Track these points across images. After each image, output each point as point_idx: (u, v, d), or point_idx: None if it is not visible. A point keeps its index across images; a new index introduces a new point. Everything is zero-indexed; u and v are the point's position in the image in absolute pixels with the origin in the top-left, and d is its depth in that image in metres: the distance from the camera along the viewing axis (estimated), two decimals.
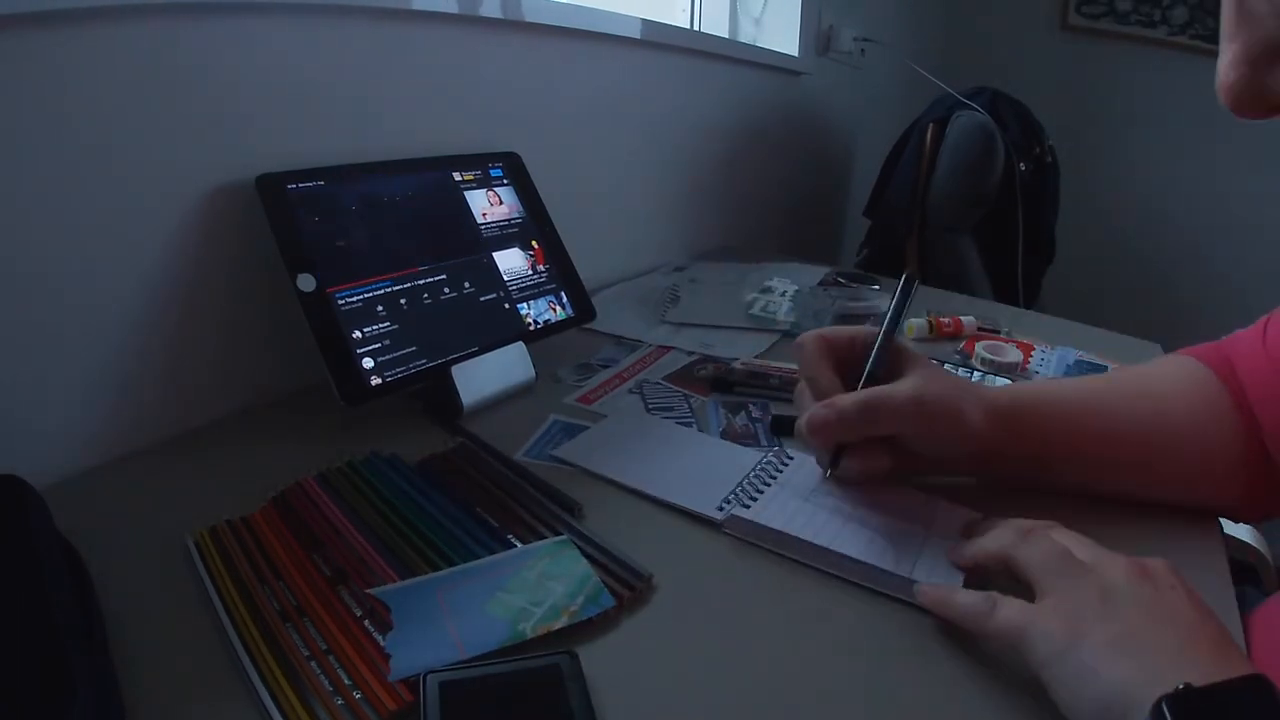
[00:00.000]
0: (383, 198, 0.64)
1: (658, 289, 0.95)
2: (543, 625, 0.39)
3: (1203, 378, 0.53)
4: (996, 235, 1.40)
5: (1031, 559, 0.38)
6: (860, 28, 1.50)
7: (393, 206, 0.65)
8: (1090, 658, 0.32)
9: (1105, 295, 2.08)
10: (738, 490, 0.51)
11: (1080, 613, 0.34)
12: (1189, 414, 0.51)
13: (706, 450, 0.58)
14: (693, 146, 1.14)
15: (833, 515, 0.48)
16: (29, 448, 0.50)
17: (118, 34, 0.50)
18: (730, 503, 0.50)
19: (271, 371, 0.64)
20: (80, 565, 0.40)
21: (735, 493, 0.51)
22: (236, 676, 0.36)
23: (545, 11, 0.80)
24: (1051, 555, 0.38)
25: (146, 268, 0.55)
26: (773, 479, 0.52)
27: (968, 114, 1.31)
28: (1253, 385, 0.50)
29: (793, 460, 0.54)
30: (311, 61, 0.62)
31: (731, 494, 0.51)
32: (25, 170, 0.47)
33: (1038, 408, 0.51)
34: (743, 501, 0.49)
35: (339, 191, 0.62)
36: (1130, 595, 0.35)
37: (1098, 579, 0.36)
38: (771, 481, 0.52)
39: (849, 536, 0.46)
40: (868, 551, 0.45)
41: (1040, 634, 0.34)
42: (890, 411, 0.45)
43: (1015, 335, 0.85)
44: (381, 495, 0.49)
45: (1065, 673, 0.33)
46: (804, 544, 0.45)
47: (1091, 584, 0.36)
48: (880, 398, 0.45)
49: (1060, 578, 0.37)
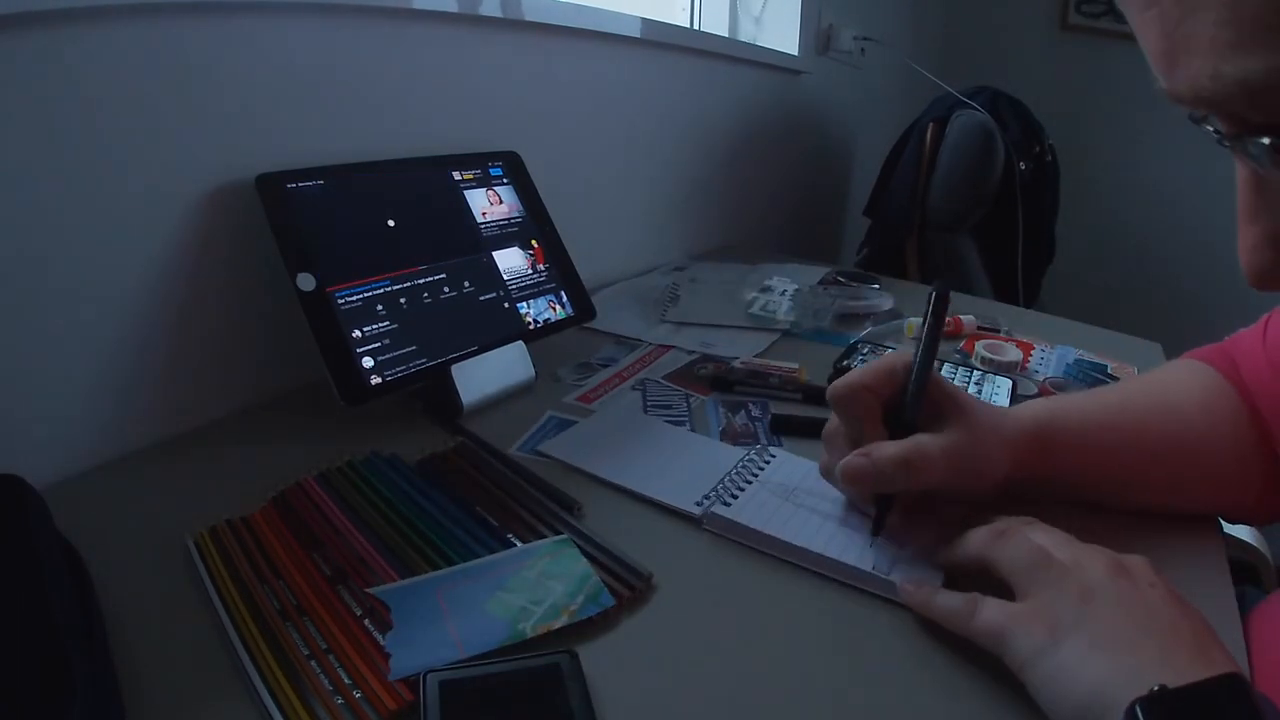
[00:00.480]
0: (383, 197, 0.64)
1: (658, 288, 0.95)
2: (542, 624, 0.39)
3: (1216, 385, 0.53)
4: (996, 235, 1.40)
5: (1010, 560, 0.38)
6: (860, 27, 1.50)
7: (393, 206, 0.65)
8: (1070, 658, 0.33)
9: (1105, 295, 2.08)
10: (718, 488, 0.51)
11: (1060, 613, 0.35)
12: (1209, 425, 0.51)
13: (689, 447, 0.58)
14: (693, 146, 1.13)
15: (811, 515, 0.48)
16: (29, 448, 0.50)
17: (118, 34, 0.50)
18: (710, 499, 0.50)
19: (271, 371, 0.64)
20: (80, 565, 0.40)
21: (716, 490, 0.51)
22: (236, 676, 0.36)
23: (545, 11, 0.80)
24: (1030, 556, 0.38)
25: (146, 267, 0.55)
26: (754, 477, 0.52)
27: (968, 114, 1.31)
28: (1255, 386, 0.50)
29: (774, 459, 0.54)
30: (312, 61, 0.62)
31: (712, 491, 0.51)
32: (25, 170, 0.47)
33: (1062, 436, 0.49)
34: (723, 499, 0.49)
35: (339, 191, 0.62)
36: (1110, 595, 0.35)
37: (1077, 579, 0.36)
38: (753, 479, 0.52)
39: (827, 536, 0.46)
40: (845, 551, 0.45)
41: (1021, 635, 0.35)
42: (926, 469, 0.44)
43: (1015, 334, 0.85)
44: (381, 495, 0.49)
45: (1045, 673, 0.33)
46: (781, 543, 0.46)
47: (1071, 584, 0.36)
48: (919, 454, 0.44)
49: (1040, 579, 0.37)
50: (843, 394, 0.46)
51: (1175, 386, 0.55)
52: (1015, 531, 0.40)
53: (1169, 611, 0.34)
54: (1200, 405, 0.52)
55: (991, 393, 0.68)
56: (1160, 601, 0.35)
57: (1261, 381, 0.50)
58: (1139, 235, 2.08)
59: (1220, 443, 0.51)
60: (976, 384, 0.70)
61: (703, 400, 0.66)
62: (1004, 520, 0.42)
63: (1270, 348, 0.50)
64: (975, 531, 0.42)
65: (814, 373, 0.72)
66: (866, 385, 0.45)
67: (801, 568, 0.45)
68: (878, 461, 0.43)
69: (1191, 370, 0.55)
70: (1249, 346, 0.53)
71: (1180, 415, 0.52)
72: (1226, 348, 0.55)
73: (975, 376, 0.71)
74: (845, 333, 0.83)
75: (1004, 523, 0.42)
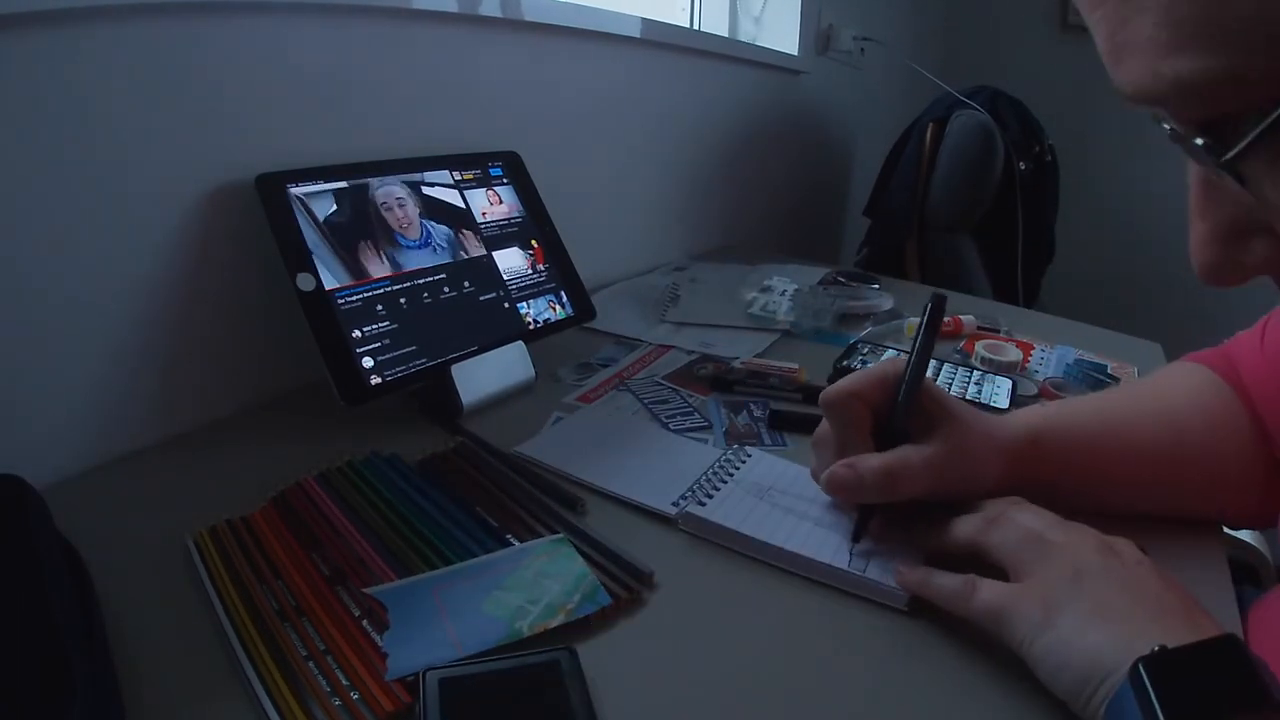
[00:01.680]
0: None
1: (658, 288, 0.95)
2: (540, 623, 0.39)
3: (1215, 388, 0.53)
4: (996, 235, 1.40)
5: (1003, 544, 0.40)
6: (860, 27, 1.50)
7: None
8: (1068, 631, 0.34)
9: (1105, 295, 2.08)
10: (694, 487, 0.51)
11: (1055, 591, 0.36)
12: (1206, 428, 0.51)
13: (666, 446, 0.58)
14: (693, 146, 1.14)
15: (786, 514, 0.48)
16: (29, 448, 0.50)
17: (117, 34, 0.50)
18: (686, 499, 0.50)
19: (271, 371, 0.64)
20: (80, 565, 0.40)
21: (692, 489, 0.51)
22: (235, 677, 0.36)
23: (545, 10, 0.80)
24: (1023, 538, 0.39)
25: (146, 267, 0.55)
26: (730, 476, 0.52)
27: (968, 113, 1.31)
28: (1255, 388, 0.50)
29: (750, 458, 0.54)
30: (312, 61, 0.62)
31: (689, 490, 0.51)
32: (25, 170, 0.47)
33: (1059, 442, 0.49)
34: (699, 499, 0.49)
35: (339, 191, 0.62)
36: (1100, 571, 0.36)
37: (1069, 557, 0.37)
38: (729, 479, 0.52)
39: (803, 535, 0.46)
40: (820, 550, 0.45)
41: (1019, 614, 0.36)
42: (910, 480, 0.44)
43: (1015, 334, 0.85)
44: (381, 495, 0.49)
45: (1046, 648, 0.34)
46: (756, 542, 0.46)
47: (1064, 563, 0.37)
48: (902, 467, 0.44)
49: (1034, 559, 0.38)
50: (834, 400, 0.46)
51: (1172, 391, 0.55)
52: (1005, 517, 0.41)
53: (1157, 584, 0.36)
54: (1198, 409, 0.52)
55: (991, 393, 0.68)
56: (1149, 576, 0.36)
57: (1260, 383, 0.50)
58: (1139, 235, 2.08)
59: (1220, 446, 0.51)
60: (976, 384, 0.70)
61: (703, 400, 0.66)
62: (991, 505, 0.43)
63: (1269, 349, 0.50)
64: (965, 518, 0.42)
65: (814, 373, 0.72)
66: (857, 393, 0.45)
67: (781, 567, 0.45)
68: (862, 473, 0.44)
69: (1189, 373, 0.55)
70: (1248, 348, 0.52)
71: (1178, 420, 0.52)
72: (1226, 350, 0.55)
73: (975, 376, 0.71)
74: (845, 333, 0.83)
75: (992, 508, 0.42)
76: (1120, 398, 0.59)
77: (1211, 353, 0.56)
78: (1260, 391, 0.50)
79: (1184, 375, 0.55)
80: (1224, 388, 0.52)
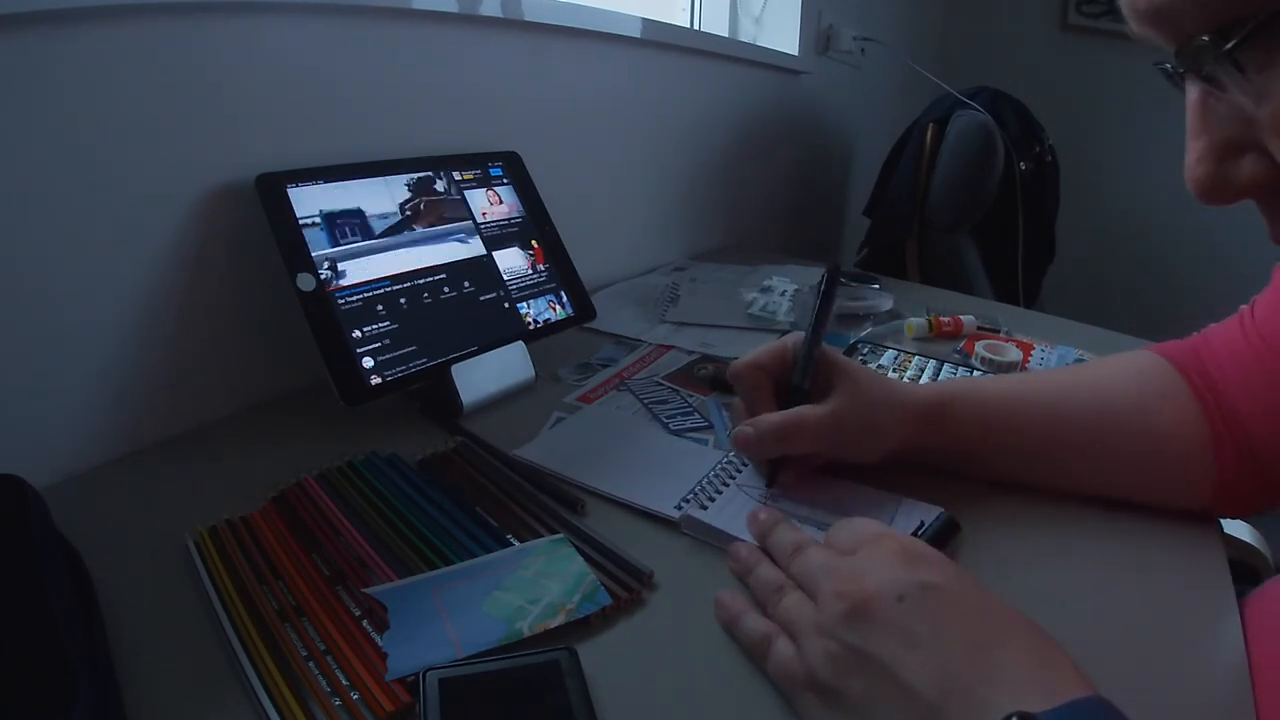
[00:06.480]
0: None
1: (657, 288, 0.95)
2: (540, 623, 0.39)
3: (1154, 367, 0.53)
4: (996, 235, 1.40)
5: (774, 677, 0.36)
6: (860, 27, 1.50)
7: None
8: None
9: (1105, 295, 2.08)
10: (696, 490, 0.51)
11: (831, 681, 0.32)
12: (1137, 401, 0.51)
13: (666, 448, 0.58)
14: (693, 146, 1.14)
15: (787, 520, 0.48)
16: (29, 448, 0.50)
17: (117, 34, 0.50)
18: (689, 502, 0.50)
19: (272, 371, 0.64)
20: (80, 565, 0.40)
21: (694, 492, 0.51)
22: (236, 677, 0.36)
23: (545, 11, 0.80)
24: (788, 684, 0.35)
25: (146, 267, 0.55)
26: (731, 480, 0.52)
27: (968, 114, 1.31)
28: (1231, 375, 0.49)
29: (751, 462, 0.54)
30: (312, 61, 0.62)
31: (690, 493, 0.51)
32: (25, 170, 0.47)
33: (969, 403, 0.52)
34: (700, 502, 0.49)
35: (339, 191, 0.61)
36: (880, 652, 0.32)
37: None
38: (730, 483, 0.52)
39: None
40: None
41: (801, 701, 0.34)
42: (805, 434, 0.48)
43: (1015, 335, 0.85)
44: (381, 495, 0.49)
45: None
46: None
47: None
48: (796, 422, 0.48)
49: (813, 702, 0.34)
50: (739, 371, 0.51)
51: (1107, 370, 0.55)
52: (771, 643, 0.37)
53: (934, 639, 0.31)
54: (1132, 388, 0.52)
55: None
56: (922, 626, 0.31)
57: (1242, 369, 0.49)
58: (1139, 235, 2.08)
59: (1151, 423, 0.50)
60: None
61: (703, 400, 0.66)
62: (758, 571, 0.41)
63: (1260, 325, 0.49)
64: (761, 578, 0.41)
65: None
66: (758, 364, 0.51)
67: None
68: (760, 429, 0.48)
69: (1134, 358, 0.55)
70: (1221, 337, 0.52)
71: (1106, 395, 0.52)
72: (1192, 342, 0.54)
73: (975, 376, 0.71)
74: (845, 333, 0.83)
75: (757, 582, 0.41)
76: (1052, 373, 0.60)
77: (1174, 344, 0.55)
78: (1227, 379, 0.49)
79: (1129, 359, 0.55)
80: (1166, 369, 0.52)
